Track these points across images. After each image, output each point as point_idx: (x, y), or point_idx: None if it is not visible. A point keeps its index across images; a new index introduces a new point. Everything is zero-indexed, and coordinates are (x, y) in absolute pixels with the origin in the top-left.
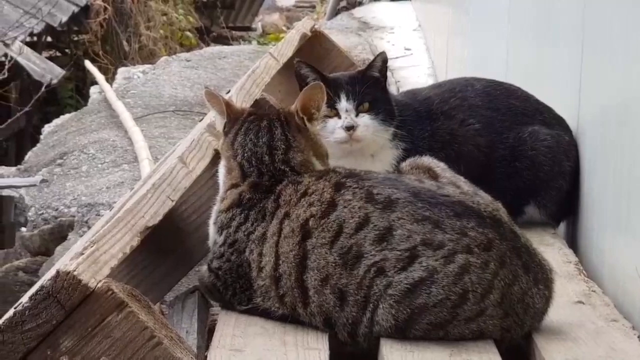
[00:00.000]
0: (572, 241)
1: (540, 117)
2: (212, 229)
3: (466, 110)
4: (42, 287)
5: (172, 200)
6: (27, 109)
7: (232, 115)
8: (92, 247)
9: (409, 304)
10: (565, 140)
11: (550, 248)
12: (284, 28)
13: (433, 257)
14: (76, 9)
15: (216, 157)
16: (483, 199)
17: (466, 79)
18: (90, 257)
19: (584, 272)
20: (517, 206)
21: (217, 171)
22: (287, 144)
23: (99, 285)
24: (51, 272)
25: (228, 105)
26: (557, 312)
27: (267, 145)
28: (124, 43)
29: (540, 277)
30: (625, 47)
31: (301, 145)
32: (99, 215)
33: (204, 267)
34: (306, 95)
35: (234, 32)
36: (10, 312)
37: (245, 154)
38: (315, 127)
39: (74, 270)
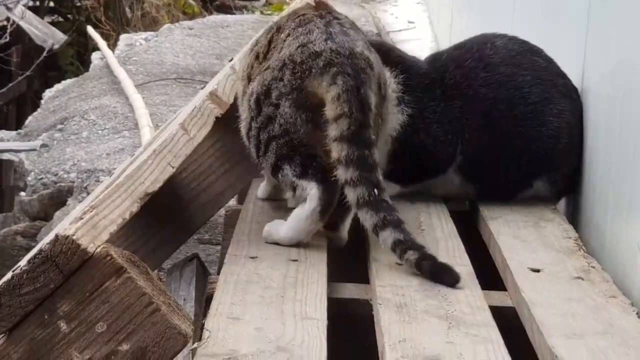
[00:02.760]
0: (573, 217)
1: (562, 81)
2: None
3: (480, 72)
4: (40, 250)
5: (173, 167)
6: (28, 73)
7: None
8: (91, 211)
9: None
10: (580, 115)
11: (550, 223)
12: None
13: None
14: None
15: (217, 124)
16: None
17: (486, 36)
18: (89, 222)
19: (583, 247)
20: (526, 178)
21: (217, 140)
22: None
23: (98, 250)
24: (50, 236)
25: None
26: (556, 288)
27: None
28: (127, 9)
29: None
30: (632, 19)
31: None
32: (98, 181)
33: None
34: None
35: (237, 1)
36: (8, 275)
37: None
38: None
39: (73, 235)
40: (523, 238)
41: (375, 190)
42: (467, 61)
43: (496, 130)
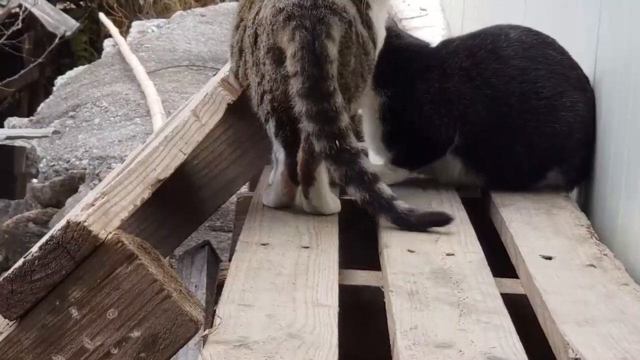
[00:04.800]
0: (585, 204)
1: (575, 73)
2: None
3: (492, 64)
4: (52, 237)
5: (184, 154)
6: (40, 60)
7: None
8: (103, 198)
9: None
10: (593, 106)
11: (562, 211)
12: None
13: None
14: None
15: (229, 111)
16: None
17: (501, 27)
18: (101, 209)
19: (595, 235)
20: (540, 169)
21: (229, 126)
22: None
23: (109, 236)
24: (61, 223)
25: None
26: (568, 275)
27: None
28: None
29: None
30: None
31: None
32: (110, 168)
33: None
34: None
35: None
36: (20, 261)
37: None
38: None
39: (85, 221)
40: (535, 225)
41: (337, 142)
42: (480, 51)
43: (506, 123)
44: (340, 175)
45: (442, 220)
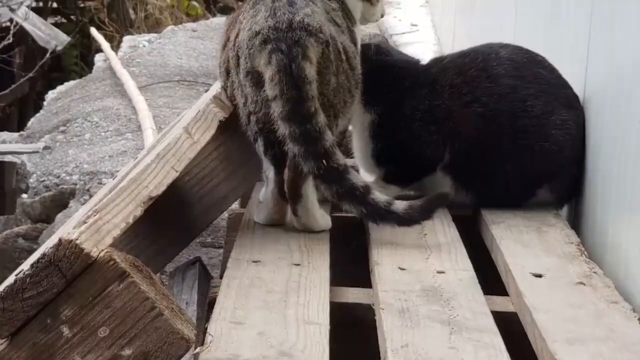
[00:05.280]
0: (575, 222)
1: (565, 92)
2: None
3: (483, 82)
4: (44, 254)
5: (177, 171)
6: (31, 74)
7: None
8: (95, 215)
9: None
10: (583, 124)
11: (552, 228)
12: None
13: None
14: None
15: (221, 128)
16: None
17: (492, 46)
18: (93, 226)
19: (585, 253)
20: (530, 187)
21: (221, 143)
22: None
23: (101, 254)
24: (53, 240)
25: None
26: (558, 293)
27: None
28: (130, 11)
29: None
30: (635, 19)
31: None
32: (100, 183)
33: None
34: None
35: (240, 2)
36: (11, 279)
37: None
38: None
39: (77, 239)
40: (525, 243)
41: (324, 162)
42: (471, 69)
43: (496, 141)
44: (332, 194)
45: (442, 202)
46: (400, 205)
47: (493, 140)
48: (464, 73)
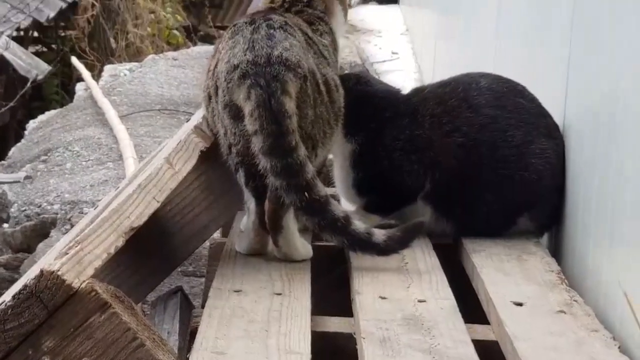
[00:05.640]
0: (555, 250)
1: (544, 121)
2: None
3: (464, 112)
4: (25, 286)
5: (158, 202)
6: (11, 104)
7: None
8: (76, 246)
9: None
10: (562, 153)
11: (533, 257)
12: None
13: None
14: (64, 5)
15: (202, 158)
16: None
17: (472, 76)
18: (74, 257)
19: (565, 281)
20: (510, 217)
21: (202, 173)
22: None
23: (83, 285)
24: (35, 271)
25: None
26: (539, 322)
27: None
28: (111, 40)
29: None
30: (613, 49)
31: None
32: (82, 213)
33: None
34: None
35: (221, 31)
36: None
37: None
38: None
39: (58, 270)
40: (506, 271)
41: (306, 194)
42: (452, 99)
43: (477, 171)
44: (314, 224)
45: (419, 231)
46: (380, 236)
47: (473, 170)
48: (444, 103)
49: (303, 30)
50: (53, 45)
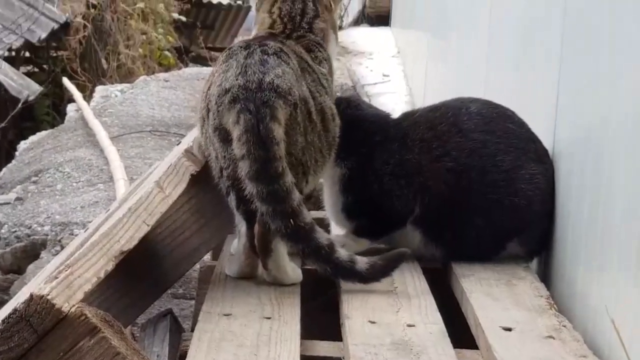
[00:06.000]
0: (545, 274)
1: (533, 146)
2: None
3: (453, 137)
4: (15, 310)
5: (148, 225)
6: (2, 125)
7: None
8: (66, 270)
9: None
10: (552, 178)
11: (522, 282)
12: None
13: None
14: (56, 26)
15: (192, 181)
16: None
17: (462, 100)
18: (64, 281)
19: (554, 306)
20: (500, 242)
21: (192, 196)
22: (316, 14)
23: (72, 309)
24: (25, 294)
25: None
26: (528, 347)
27: (300, 14)
28: (103, 61)
29: None
30: (602, 74)
31: (325, 17)
32: (72, 234)
33: None
34: None
35: (212, 52)
36: None
37: (280, 15)
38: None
39: (48, 294)
40: (495, 296)
41: (292, 221)
42: (442, 124)
43: (466, 196)
44: (298, 251)
45: (402, 260)
46: (362, 265)
47: (463, 194)
48: (434, 127)
49: (303, 58)
50: (45, 66)
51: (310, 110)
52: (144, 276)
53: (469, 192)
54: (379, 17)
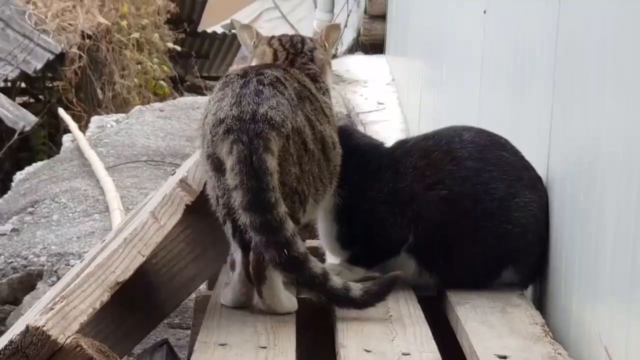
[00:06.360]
0: (539, 302)
1: (527, 174)
2: None
3: (447, 165)
4: (11, 342)
5: (143, 256)
6: None
7: (261, 37)
8: (62, 302)
9: None
10: (546, 206)
11: (517, 309)
12: None
13: None
14: (51, 57)
15: (187, 212)
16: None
17: (455, 129)
18: (60, 313)
19: (550, 333)
20: (494, 269)
21: (187, 226)
22: (315, 46)
23: (68, 341)
24: (20, 326)
25: (257, 32)
26: None
27: (301, 42)
28: (98, 91)
29: None
30: (595, 101)
31: (322, 55)
32: (68, 265)
33: None
34: (328, 30)
35: (208, 81)
36: None
37: (281, 44)
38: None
39: (44, 326)
40: (490, 324)
41: (285, 251)
42: (435, 152)
43: (460, 224)
44: (293, 281)
45: (394, 283)
46: (357, 291)
47: (457, 222)
48: (427, 156)
49: (307, 86)
50: (40, 97)
51: (306, 140)
52: (139, 306)
53: (462, 220)
54: (373, 45)
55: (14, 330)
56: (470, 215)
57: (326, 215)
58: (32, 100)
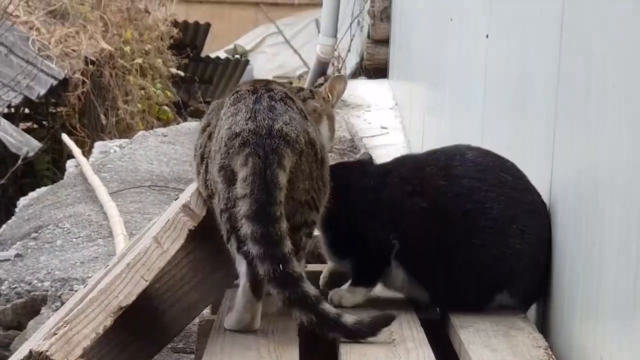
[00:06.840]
0: (542, 325)
1: (530, 198)
2: None
3: (438, 180)
4: None
5: (146, 281)
6: (2, 181)
7: None
8: (65, 327)
9: None
10: (546, 230)
11: (520, 332)
12: None
13: None
14: (54, 83)
15: (190, 236)
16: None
17: (460, 147)
18: (63, 337)
19: (553, 357)
20: (488, 293)
21: (190, 251)
22: (310, 96)
23: None
24: (24, 351)
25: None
26: None
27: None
28: (102, 116)
29: None
30: (598, 124)
31: (321, 103)
32: (72, 290)
33: None
34: (333, 81)
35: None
36: None
37: None
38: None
39: (47, 351)
40: (493, 347)
41: (280, 266)
42: (430, 167)
43: (449, 241)
44: (284, 298)
45: (389, 320)
46: (349, 319)
47: (445, 238)
48: (419, 169)
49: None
50: (44, 122)
51: (317, 151)
52: (143, 331)
53: (452, 236)
54: (376, 70)
55: (18, 355)
56: (460, 232)
57: (318, 223)
58: (35, 126)
